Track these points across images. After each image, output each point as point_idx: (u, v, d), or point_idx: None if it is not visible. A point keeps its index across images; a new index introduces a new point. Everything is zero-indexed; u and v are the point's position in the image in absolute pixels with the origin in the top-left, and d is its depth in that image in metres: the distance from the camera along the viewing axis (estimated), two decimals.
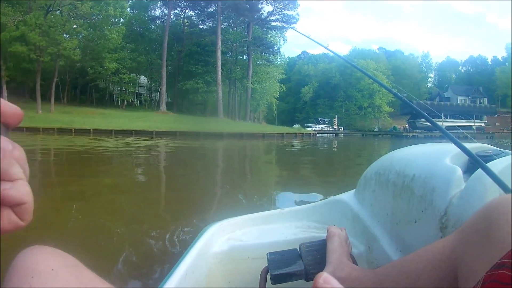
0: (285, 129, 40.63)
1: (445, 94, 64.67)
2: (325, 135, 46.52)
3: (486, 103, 59.45)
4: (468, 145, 1.16)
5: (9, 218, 0.34)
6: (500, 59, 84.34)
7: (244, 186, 7.69)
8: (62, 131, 25.94)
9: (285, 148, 21.64)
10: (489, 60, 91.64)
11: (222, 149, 20.26)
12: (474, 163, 1.00)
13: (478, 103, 58.46)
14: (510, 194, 0.67)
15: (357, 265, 1.12)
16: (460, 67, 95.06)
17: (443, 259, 0.71)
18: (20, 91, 46.18)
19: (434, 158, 1.19)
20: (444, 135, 1.15)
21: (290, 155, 17.15)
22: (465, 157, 1.13)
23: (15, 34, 35.07)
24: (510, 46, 74.03)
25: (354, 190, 1.74)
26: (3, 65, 36.34)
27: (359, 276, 0.93)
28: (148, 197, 5.96)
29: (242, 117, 59.07)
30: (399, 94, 1.52)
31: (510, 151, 1.11)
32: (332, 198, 1.87)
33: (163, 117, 41.91)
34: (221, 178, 9.05)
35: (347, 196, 1.75)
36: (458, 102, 58.86)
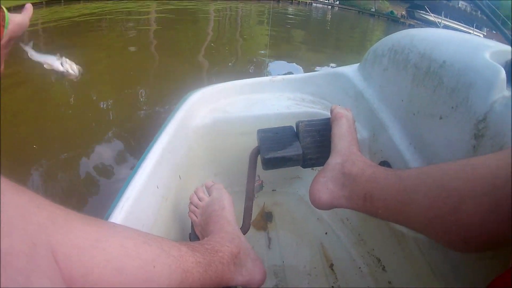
0: None
1: None
2: (320, 5, 44.64)
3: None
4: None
5: None
6: None
7: None
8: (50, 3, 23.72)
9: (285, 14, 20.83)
10: None
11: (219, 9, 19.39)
12: None
13: (479, 14, 56.35)
14: None
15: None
16: None
17: (498, 184, 0.52)
18: None
19: (471, 48, 0.93)
20: (496, 28, 0.92)
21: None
22: (504, 59, 0.89)
23: None
24: None
25: (358, 64, 1.51)
26: None
27: (377, 175, 0.74)
28: None
29: None
30: None
31: None
32: (331, 69, 1.64)
33: None
34: None
35: (350, 70, 1.52)
36: (459, 5, 56.58)
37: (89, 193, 2.59)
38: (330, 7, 45.32)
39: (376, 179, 0.73)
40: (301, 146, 1.03)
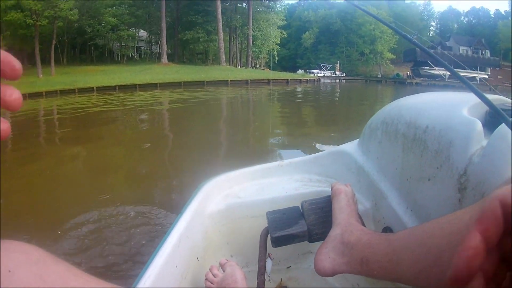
0: (289, 75, 39.59)
1: (447, 43, 62.13)
2: (327, 80, 45.84)
3: (489, 55, 57.99)
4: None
5: None
6: (503, 13, 79.18)
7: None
8: (65, 92, 24.79)
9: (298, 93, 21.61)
10: (491, 13, 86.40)
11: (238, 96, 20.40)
12: (495, 117, 0.86)
13: (480, 54, 57.01)
14: None
15: (363, 223, 1.02)
16: (462, 17, 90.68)
17: None
18: (19, 58, 45.78)
19: (449, 108, 1.04)
20: (463, 83, 1.01)
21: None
22: (483, 110, 0.99)
23: (10, 3, 33.84)
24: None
25: (358, 140, 1.62)
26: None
27: (371, 241, 0.82)
28: None
29: (244, 64, 58.25)
30: (408, 35, 1.36)
31: None
32: (334, 148, 1.75)
33: (166, 68, 40.80)
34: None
35: (351, 147, 1.63)
36: (461, 52, 57.18)
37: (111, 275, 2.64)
38: (338, 80, 46.50)
39: (370, 244, 0.81)
40: (306, 224, 1.12)
